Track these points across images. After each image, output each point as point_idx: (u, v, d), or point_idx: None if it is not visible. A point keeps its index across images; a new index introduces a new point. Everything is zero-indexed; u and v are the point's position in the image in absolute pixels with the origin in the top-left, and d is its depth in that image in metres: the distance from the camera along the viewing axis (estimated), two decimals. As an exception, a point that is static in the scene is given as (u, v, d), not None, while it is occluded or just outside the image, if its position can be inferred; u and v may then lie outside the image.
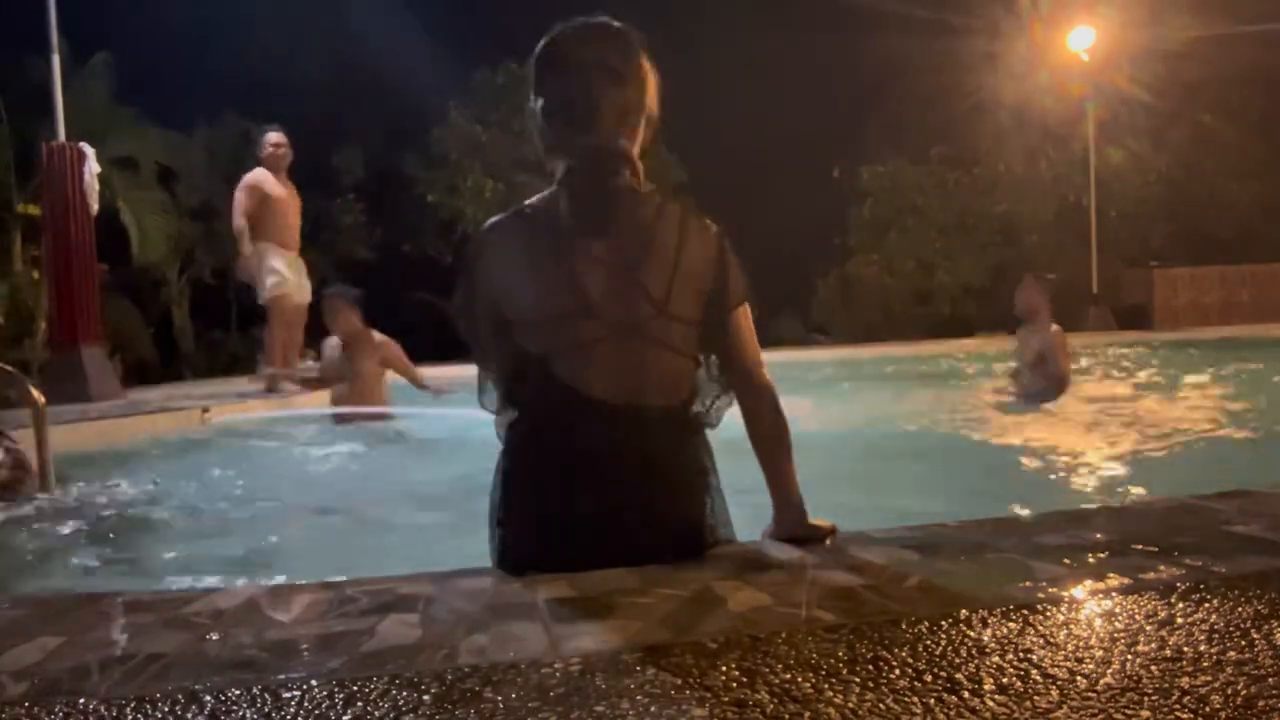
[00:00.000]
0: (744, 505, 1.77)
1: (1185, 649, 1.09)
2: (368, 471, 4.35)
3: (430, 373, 6.02)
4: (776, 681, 1.03)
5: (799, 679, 1.03)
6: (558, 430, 1.61)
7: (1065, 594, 1.31)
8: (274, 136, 7.08)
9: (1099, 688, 0.99)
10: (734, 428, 1.75)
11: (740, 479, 1.76)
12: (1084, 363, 9.24)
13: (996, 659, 1.07)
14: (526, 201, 1.68)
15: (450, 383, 5.49)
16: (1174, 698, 0.96)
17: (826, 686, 1.01)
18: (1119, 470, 3.57)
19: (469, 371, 1.76)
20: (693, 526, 1.65)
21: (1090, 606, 1.27)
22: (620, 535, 1.57)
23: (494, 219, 1.68)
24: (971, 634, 1.16)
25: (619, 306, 1.59)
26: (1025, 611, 1.23)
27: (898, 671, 1.05)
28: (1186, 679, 1.00)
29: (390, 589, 1.47)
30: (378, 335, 5.61)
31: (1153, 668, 1.04)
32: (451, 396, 5.25)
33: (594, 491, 1.58)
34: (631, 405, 1.59)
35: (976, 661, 1.07)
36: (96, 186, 7.07)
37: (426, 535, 2.78)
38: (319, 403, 7.33)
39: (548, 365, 1.59)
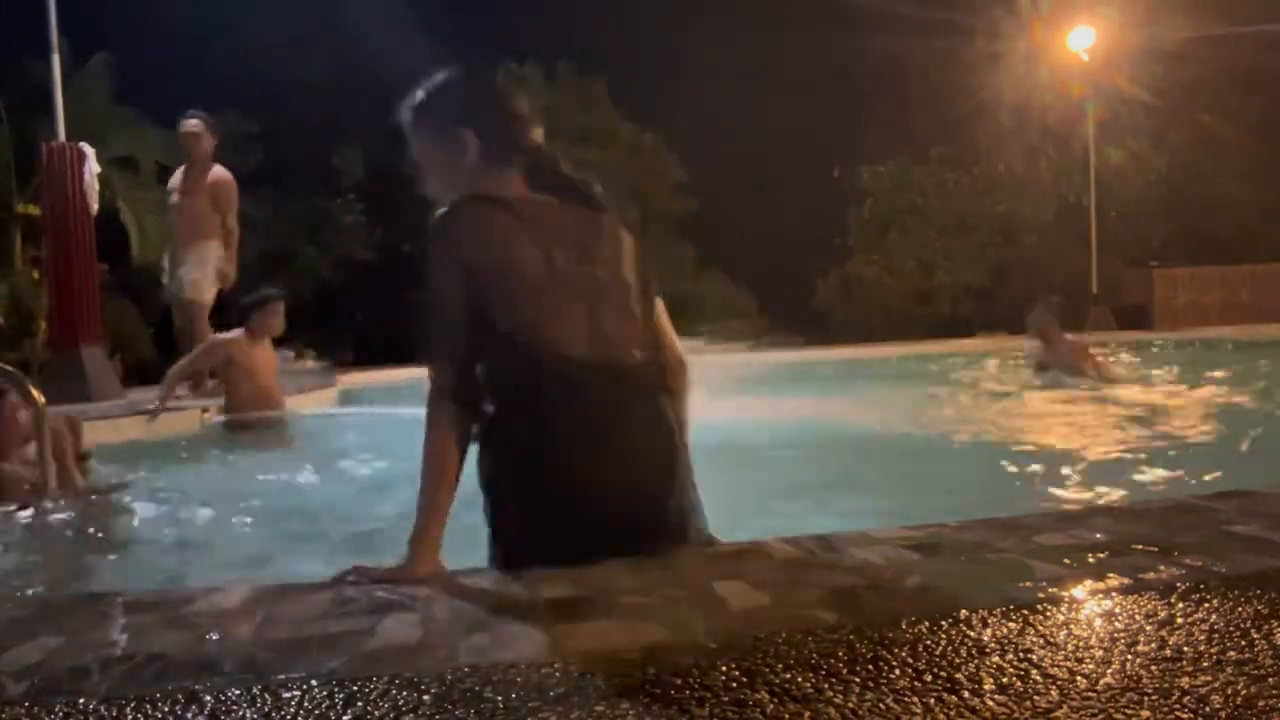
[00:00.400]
0: (742, 505, 1.77)
1: (1185, 649, 1.09)
2: (368, 469, 4.34)
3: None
4: (776, 681, 1.03)
5: (799, 679, 1.03)
6: (540, 400, 1.64)
7: (1065, 594, 1.31)
8: (182, 124, 6.82)
9: (1099, 688, 0.99)
10: (731, 429, 1.74)
11: (737, 477, 1.76)
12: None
13: (996, 659, 1.07)
14: (472, 193, 1.73)
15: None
16: (1174, 698, 0.96)
17: (826, 686, 1.01)
18: (1119, 470, 3.56)
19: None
20: (670, 479, 1.70)
21: (1090, 606, 1.27)
22: (620, 472, 1.63)
23: (453, 202, 1.71)
24: (971, 634, 1.16)
25: (583, 273, 1.71)
26: (1025, 611, 1.23)
27: (898, 671, 1.05)
28: (1186, 679, 1.00)
29: (390, 589, 1.47)
30: None
31: (1153, 668, 1.04)
32: None
33: (580, 453, 1.63)
34: (609, 364, 1.66)
35: (976, 661, 1.07)
36: (96, 186, 7.05)
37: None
38: (326, 402, 7.34)
39: (525, 336, 1.63)
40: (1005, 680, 1.01)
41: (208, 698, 1.05)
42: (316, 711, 1.00)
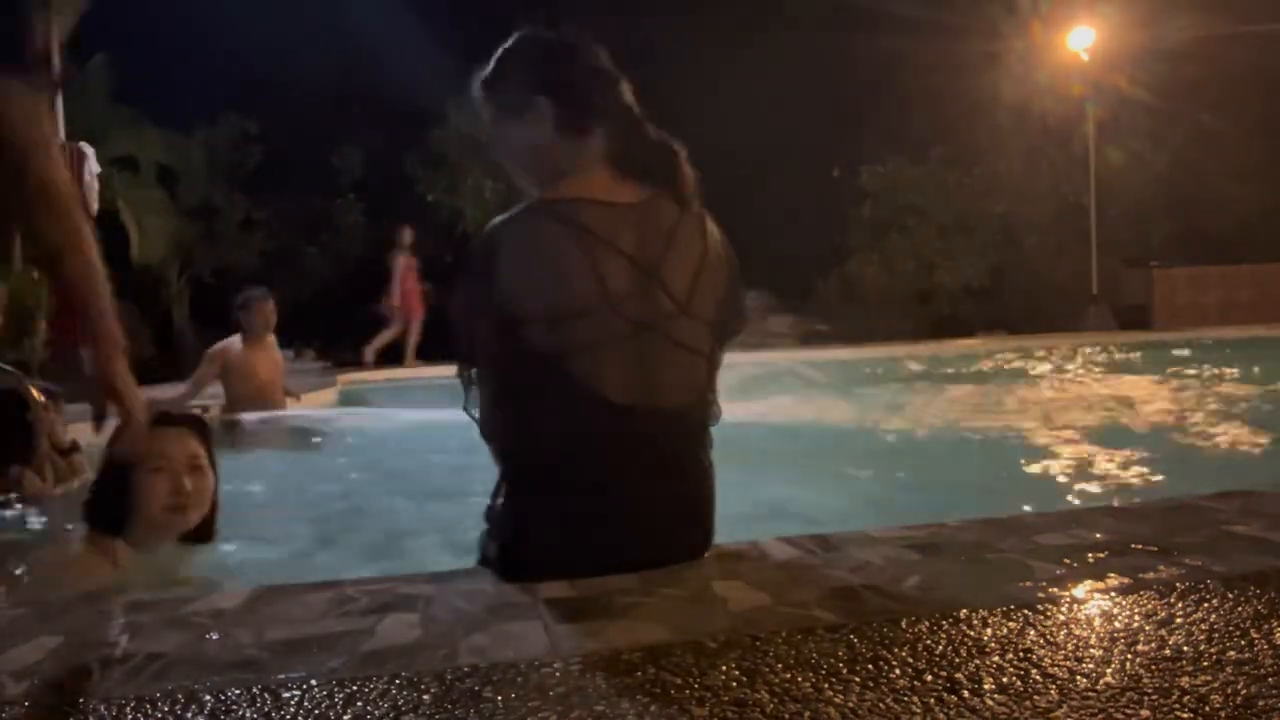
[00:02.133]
0: (741, 505, 1.77)
1: (1185, 649, 1.09)
2: (368, 470, 4.35)
3: (432, 372, 6.07)
4: (776, 681, 1.03)
5: (799, 679, 1.03)
6: (572, 432, 1.54)
7: (1065, 594, 1.31)
8: None
9: (1099, 687, 0.99)
10: (725, 429, 1.72)
11: (734, 478, 1.76)
12: (1080, 362, 9.24)
13: (996, 659, 1.07)
14: (541, 196, 1.62)
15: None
16: (1174, 697, 0.96)
17: (826, 686, 1.01)
18: (1119, 470, 3.57)
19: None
20: (703, 530, 1.63)
21: (1090, 606, 1.27)
22: (637, 537, 1.54)
23: (506, 216, 1.60)
24: (971, 634, 1.16)
25: (641, 302, 1.55)
26: (1025, 611, 1.23)
27: (898, 671, 1.05)
28: (1186, 679, 1.00)
29: (390, 589, 1.47)
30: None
31: (1153, 667, 1.04)
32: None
33: (609, 494, 1.54)
34: (648, 405, 1.54)
35: (976, 661, 1.07)
36: (96, 186, 7.05)
37: (429, 533, 2.77)
38: (324, 401, 7.34)
39: (562, 363, 1.51)
40: (1005, 680, 1.01)
41: (208, 698, 1.05)
42: (316, 711, 1.00)
